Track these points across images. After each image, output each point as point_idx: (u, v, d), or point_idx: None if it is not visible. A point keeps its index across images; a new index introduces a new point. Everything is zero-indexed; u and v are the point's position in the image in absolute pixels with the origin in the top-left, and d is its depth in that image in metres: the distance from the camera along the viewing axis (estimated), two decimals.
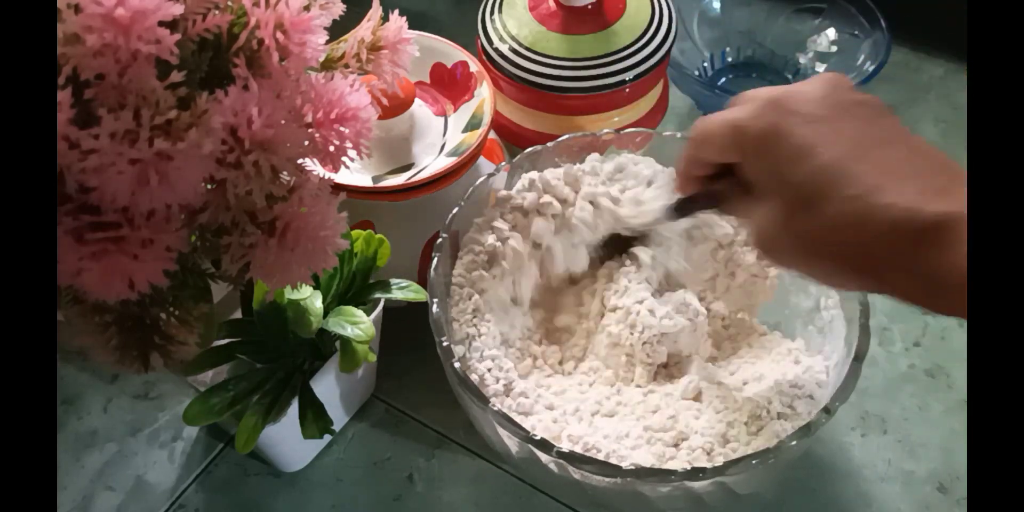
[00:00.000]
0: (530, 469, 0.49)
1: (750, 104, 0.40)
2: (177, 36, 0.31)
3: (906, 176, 0.36)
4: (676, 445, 0.51)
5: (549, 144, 0.57)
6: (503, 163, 0.58)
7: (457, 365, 0.48)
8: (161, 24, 0.30)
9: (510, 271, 0.56)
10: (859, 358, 0.48)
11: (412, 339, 0.56)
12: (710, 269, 0.59)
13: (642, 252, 0.56)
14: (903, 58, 0.78)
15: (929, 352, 0.63)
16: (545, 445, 0.45)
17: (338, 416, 0.58)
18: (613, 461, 0.48)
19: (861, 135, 0.38)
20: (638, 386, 0.55)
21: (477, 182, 0.55)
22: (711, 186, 0.45)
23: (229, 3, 0.35)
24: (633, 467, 0.46)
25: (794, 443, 0.45)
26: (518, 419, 0.49)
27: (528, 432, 0.46)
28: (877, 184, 0.36)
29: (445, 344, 0.49)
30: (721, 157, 0.42)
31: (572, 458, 0.45)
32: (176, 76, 0.32)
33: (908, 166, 0.37)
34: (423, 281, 0.52)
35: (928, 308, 0.37)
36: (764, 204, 0.40)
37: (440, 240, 0.53)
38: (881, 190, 0.35)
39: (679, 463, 0.49)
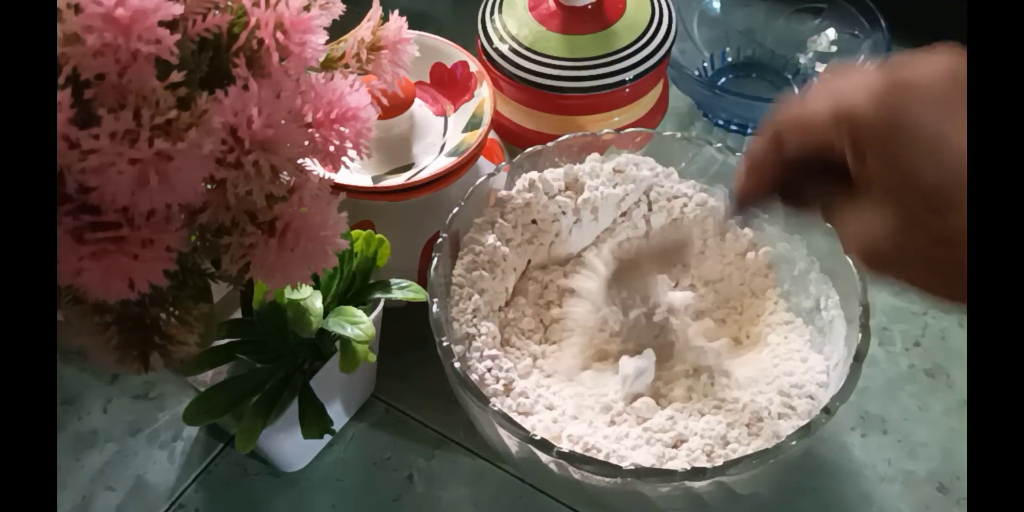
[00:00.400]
0: (530, 469, 0.49)
1: (860, 86, 0.33)
2: (177, 36, 0.31)
3: None
4: (676, 446, 0.51)
5: (549, 144, 0.57)
6: (503, 163, 0.58)
7: (457, 365, 0.48)
8: (161, 24, 0.30)
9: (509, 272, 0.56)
10: (859, 358, 0.48)
11: (412, 339, 0.56)
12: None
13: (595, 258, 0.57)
14: None
15: (929, 352, 0.63)
16: (545, 445, 0.45)
17: (338, 416, 0.58)
18: (613, 461, 0.48)
19: None
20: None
21: (477, 182, 0.55)
22: (789, 184, 0.38)
23: (229, 3, 0.35)
24: (633, 467, 0.46)
25: (794, 443, 0.45)
26: (518, 419, 0.49)
27: (528, 432, 0.46)
28: None
29: (445, 344, 0.49)
30: (818, 150, 0.35)
31: (572, 458, 0.45)
32: (176, 76, 0.32)
33: None
34: (423, 281, 0.52)
35: None
36: (872, 209, 0.34)
37: (440, 240, 0.53)
38: None
39: (679, 463, 0.49)
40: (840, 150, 0.34)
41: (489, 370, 0.53)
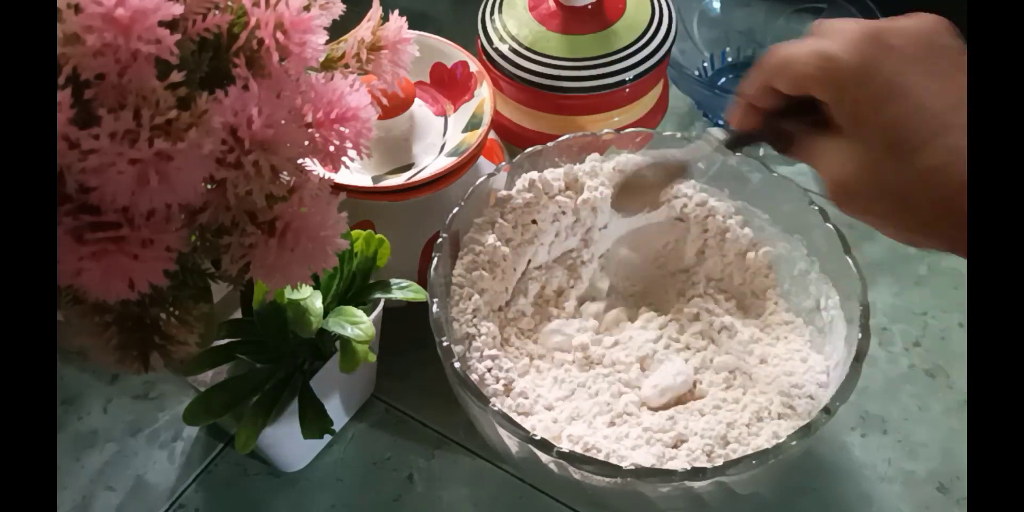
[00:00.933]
0: (530, 469, 0.49)
1: (841, 35, 0.37)
2: (177, 36, 0.31)
3: None
4: (676, 446, 0.51)
5: (549, 144, 0.57)
6: (503, 163, 0.58)
7: (457, 365, 0.48)
8: (161, 24, 0.30)
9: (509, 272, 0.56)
10: (859, 358, 0.48)
11: (412, 339, 0.56)
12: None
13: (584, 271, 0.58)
14: None
15: (929, 352, 0.63)
16: (545, 445, 0.45)
17: (338, 416, 0.58)
18: (613, 461, 0.48)
19: (961, 82, 0.35)
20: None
21: (477, 182, 0.55)
22: (775, 122, 0.41)
23: (229, 3, 0.35)
24: (633, 467, 0.46)
25: (794, 443, 0.45)
26: (518, 419, 0.49)
27: (528, 432, 0.46)
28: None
29: (445, 344, 0.49)
30: (800, 89, 0.38)
31: (572, 458, 0.45)
32: (176, 76, 0.32)
33: None
34: (423, 281, 0.52)
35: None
36: (845, 148, 0.37)
37: (440, 240, 0.53)
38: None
39: (679, 463, 0.49)
40: (820, 91, 0.37)
41: (489, 370, 0.53)
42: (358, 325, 0.49)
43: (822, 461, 0.58)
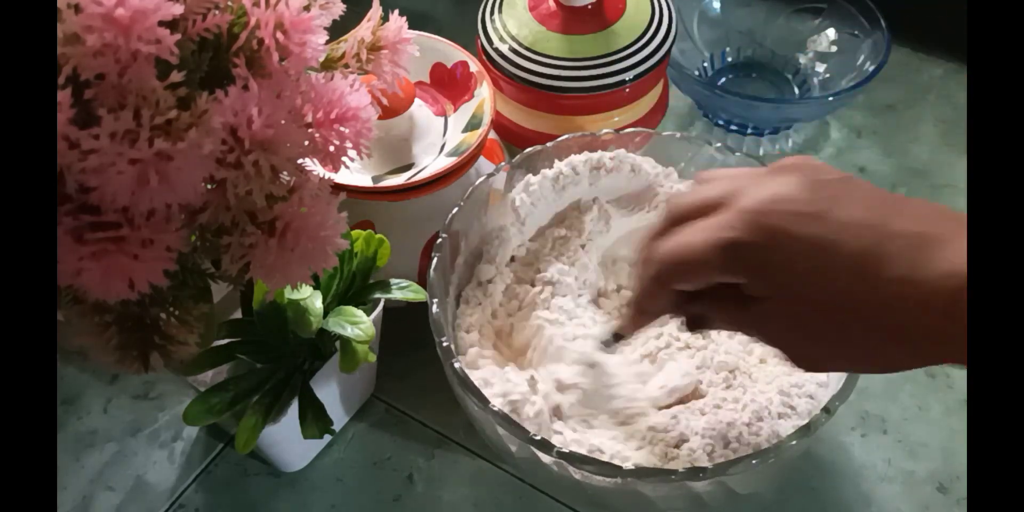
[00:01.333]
0: (530, 469, 0.49)
1: (727, 215, 0.36)
2: (177, 36, 0.31)
3: (940, 233, 0.34)
4: (677, 445, 0.51)
5: (549, 144, 0.57)
6: (503, 163, 0.58)
7: (457, 365, 0.48)
8: (161, 24, 0.30)
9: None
10: None
11: (412, 339, 0.56)
12: None
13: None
14: (903, 58, 0.78)
15: None
16: (545, 445, 0.45)
17: (338, 416, 0.58)
18: (615, 461, 0.48)
19: (870, 210, 0.35)
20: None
21: (477, 182, 0.55)
22: (691, 310, 0.41)
23: (229, 3, 0.35)
24: (634, 467, 0.46)
25: (794, 443, 0.45)
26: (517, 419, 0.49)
27: (528, 432, 0.45)
28: (918, 256, 0.33)
29: (445, 344, 0.49)
30: (709, 282, 0.38)
31: (572, 458, 0.45)
32: (176, 76, 0.32)
33: (932, 225, 0.34)
34: (423, 281, 0.52)
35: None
36: (782, 317, 0.37)
37: (440, 240, 0.53)
38: (928, 259, 0.33)
39: (680, 463, 0.49)
40: (732, 277, 0.36)
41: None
42: (358, 325, 0.49)
43: (822, 461, 0.58)
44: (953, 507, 0.56)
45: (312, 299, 0.48)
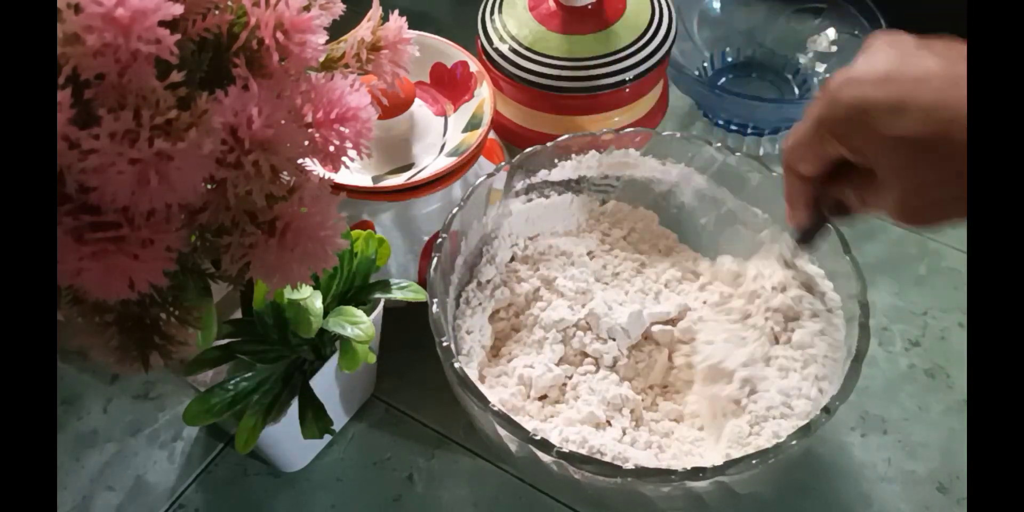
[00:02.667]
0: (530, 469, 0.49)
1: (820, 98, 0.39)
2: (177, 36, 0.31)
3: None
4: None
5: (549, 144, 0.57)
6: (503, 163, 0.58)
7: (457, 365, 0.48)
8: (161, 24, 0.30)
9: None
10: (859, 358, 0.48)
11: (412, 339, 0.56)
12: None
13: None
14: None
15: (929, 352, 0.63)
16: (545, 445, 0.45)
17: (338, 416, 0.58)
18: (617, 462, 0.48)
19: (945, 69, 0.36)
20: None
21: (477, 182, 0.55)
22: (829, 196, 0.43)
23: (229, 3, 0.35)
24: (634, 467, 0.46)
25: (794, 443, 0.45)
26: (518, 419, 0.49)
27: (528, 432, 0.45)
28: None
29: (445, 344, 0.49)
30: (825, 160, 0.41)
31: (572, 458, 0.45)
32: (176, 76, 0.32)
33: None
34: (423, 281, 0.52)
35: None
36: (890, 184, 0.38)
37: (440, 240, 0.53)
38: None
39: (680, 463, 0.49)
40: (829, 151, 0.40)
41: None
42: (358, 325, 0.49)
43: (822, 461, 0.58)
44: (953, 507, 0.56)
45: (312, 299, 0.48)
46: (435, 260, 0.52)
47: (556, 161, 0.58)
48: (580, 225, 0.61)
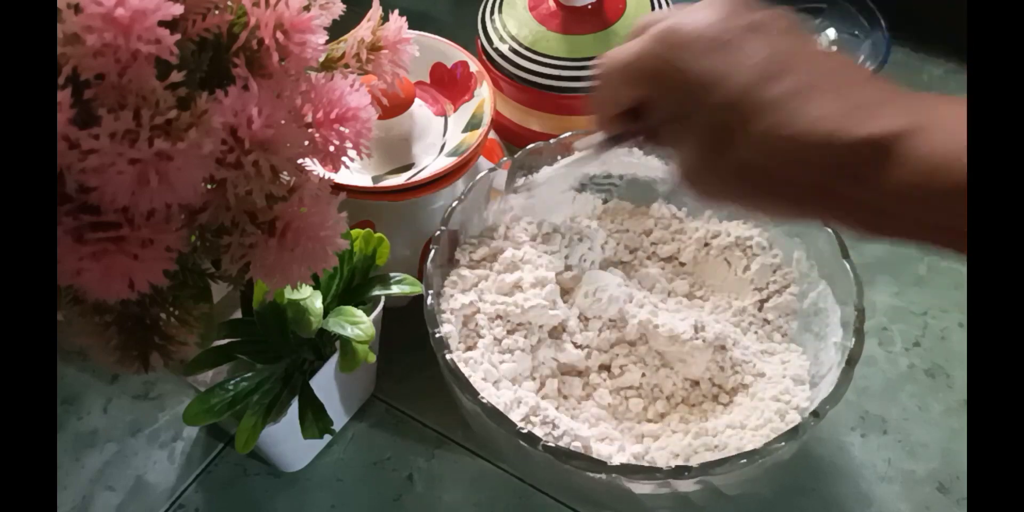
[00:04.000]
0: (526, 465, 0.49)
1: (641, 38, 0.38)
2: (177, 36, 0.31)
3: (826, 92, 0.34)
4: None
5: (551, 141, 0.57)
6: (503, 160, 0.58)
7: (449, 357, 0.48)
8: (161, 24, 0.30)
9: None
10: (851, 363, 0.48)
11: (412, 339, 0.56)
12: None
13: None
14: (903, 58, 0.78)
15: (929, 352, 0.63)
16: (531, 438, 0.45)
17: (338, 416, 0.58)
18: (602, 458, 0.48)
19: (768, 56, 0.35)
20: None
21: (478, 177, 0.55)
22: (632, 124, 0.42)
23: (229, 3, 0.35)
24: (619, 464, 0.45)
25: (781, 444, 0.45)
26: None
27: (515, 424, 0.45)
28: (794, 108, 0.33)
29: (438, 336, 0.49)
30: (629, 96, 0.39)
31: (558, 453, 0.45)
32: (176, 76, 0.32)
33: (827, 81, 0.34)
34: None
35: (873, 234, 0.35)
36: (686, 137, 0.37)
37: (438, 233, 0.53)
38: (800, 113, 0.33)
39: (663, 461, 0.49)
40: (631, 90, 0.39)
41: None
42: (358, 325, 0.49)
43: (822, 461, 0.58)
44: (953, 507, 0.56)
45: (312, 299, 0.48)
46: (432, 252, 0.52)
47: (559, 158, 0.57)
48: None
